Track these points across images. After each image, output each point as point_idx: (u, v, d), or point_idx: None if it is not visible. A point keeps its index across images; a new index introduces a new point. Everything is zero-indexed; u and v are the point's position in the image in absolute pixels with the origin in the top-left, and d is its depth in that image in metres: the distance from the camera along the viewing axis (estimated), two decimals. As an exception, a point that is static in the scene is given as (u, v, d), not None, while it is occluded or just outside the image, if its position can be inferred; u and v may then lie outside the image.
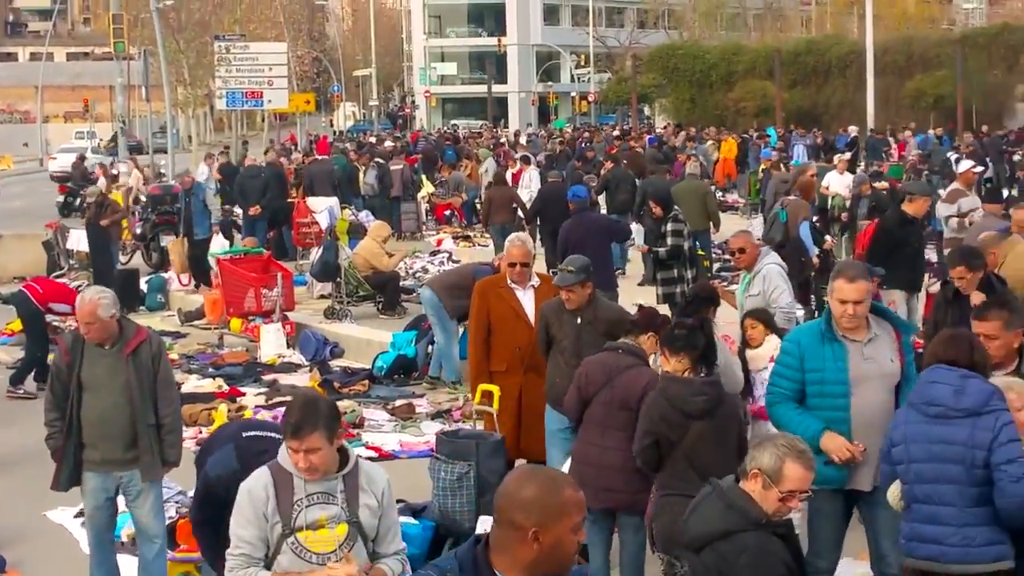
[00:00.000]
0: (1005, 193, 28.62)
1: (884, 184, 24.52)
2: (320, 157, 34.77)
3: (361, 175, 30.75)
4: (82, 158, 45.47)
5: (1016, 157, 36.56)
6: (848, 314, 7.13)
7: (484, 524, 9.26)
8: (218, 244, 21.73)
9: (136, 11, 51.78)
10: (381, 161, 32.41)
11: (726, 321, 12.19)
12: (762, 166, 32.72)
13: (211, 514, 7.18)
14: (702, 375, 7.84)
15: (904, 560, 6.88)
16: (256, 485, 5.64)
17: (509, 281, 10.64)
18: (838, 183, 24.15)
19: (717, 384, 7.94)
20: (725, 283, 16.46)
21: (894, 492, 6.79)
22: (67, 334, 9.74)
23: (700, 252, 19.85)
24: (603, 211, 23.18)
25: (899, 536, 6.96)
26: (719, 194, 34.27)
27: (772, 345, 9.59)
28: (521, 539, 3.99)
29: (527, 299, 10.54)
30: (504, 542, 4.09)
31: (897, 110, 54.56)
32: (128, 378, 8.18)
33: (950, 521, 6.43)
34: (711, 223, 21.48)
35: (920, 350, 10.80)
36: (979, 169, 24.36)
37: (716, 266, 20.33)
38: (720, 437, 7.63)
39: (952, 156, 37.15)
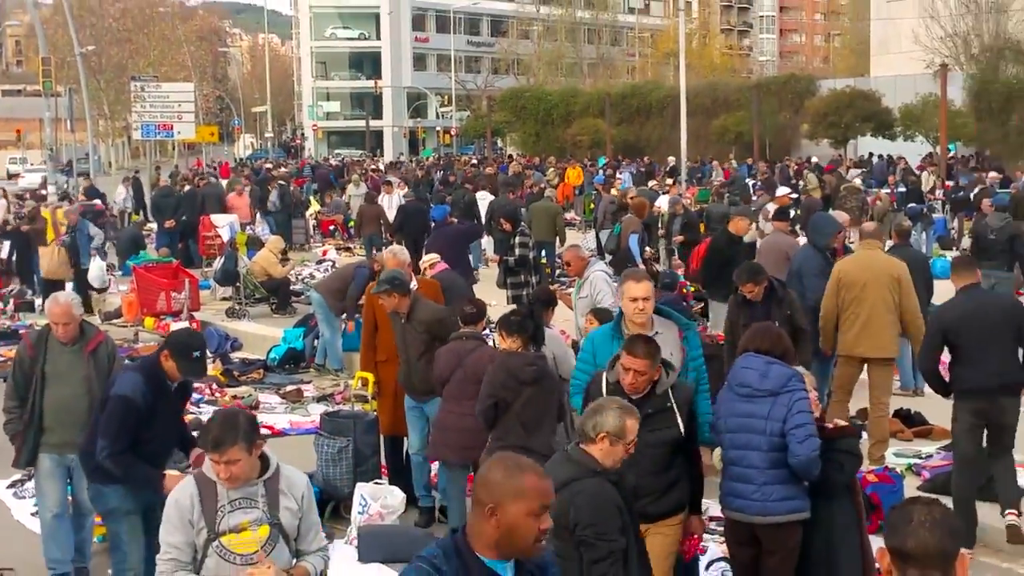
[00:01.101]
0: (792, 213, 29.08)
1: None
2: (212, 181, 34.40)
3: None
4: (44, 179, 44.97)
5: (800, 183, 37.28)
6: (638, 309, 7.16)
7: (360, 490, 9.27)
8: (95, 267, 21.32)
9: (63, 55, 50.99)
10: (283, 183, 32.94)
11: (564, 319, 12.34)
12: (594, 189, 33.17)
13: (130, 437, 7.06)
14: (532, 351, 8.28)
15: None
16: (182, 495, 5.39)
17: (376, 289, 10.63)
18: (666, 203, 24.46)
19: (543, 358, 8.38)
20: (564, 287, 16.57)
21: (716, 456, 7.03)
22: (33, 332, 9.52)
23: (543, 261, 20.00)
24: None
25: None
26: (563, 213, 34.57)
27: None
28: (483, 516, 3.94)
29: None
30: (473, 521, 4.05)
31: (705, 144, 55.41)
32: (88, 373, 8.06)
33: (753, 480, 6.61)
34: (557, 237, 21.61)
35: (721, 343, 11.14)
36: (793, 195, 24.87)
37: (557, 272, 20.39)
38: (544, 400, 7.99)
39: (750, 183, 37.99)
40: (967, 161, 46.42)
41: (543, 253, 20.19)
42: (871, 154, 52.76)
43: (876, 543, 7.23)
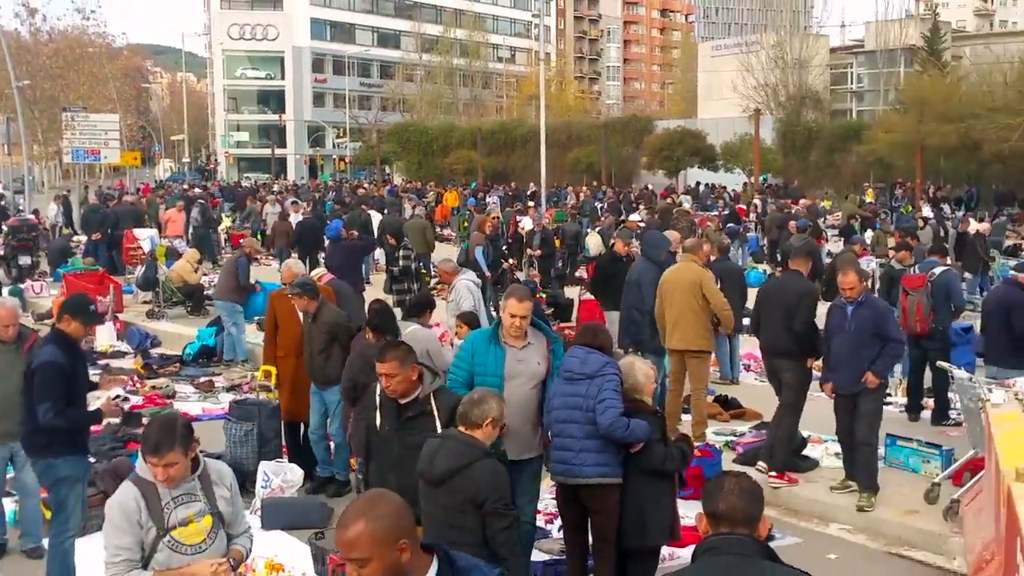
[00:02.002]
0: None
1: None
2: (128, 200, 33.87)
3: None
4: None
5: (639, 206, 37.84)
6: (515, 325, 7.11)
7: (264, 468, 9.24)
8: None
9: (1, 87, 49.91)
10: (203, 201, 33.05)
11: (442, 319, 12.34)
12: (468, 210, 33.51)
13: (65, 394, 7.02)
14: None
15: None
16: (126, 499, 5.03)
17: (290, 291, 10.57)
18: (529, 223, 24.73)
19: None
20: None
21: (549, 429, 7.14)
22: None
23: (423, 271, 20.05)
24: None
25: (536, 495, 7.44)
26: (439, 230, 34.81)
27: None
28: None
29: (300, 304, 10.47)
30: None
31: (561, 173, 55.89)
32: (25, 369, 7.63)
33: (572, 448, 6.79)
34: (430, 249, 21.75)
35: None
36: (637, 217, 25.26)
37: (434, 280, 20.47)
38: None
39: (599, 206, 38.52)
40: (775, 190, 47.62)
41: (421, 264, 20.34)
42: (698, 183, 53.88)
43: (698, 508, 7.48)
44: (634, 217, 24.14)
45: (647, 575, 6.79)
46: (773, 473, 9.68)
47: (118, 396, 8.27)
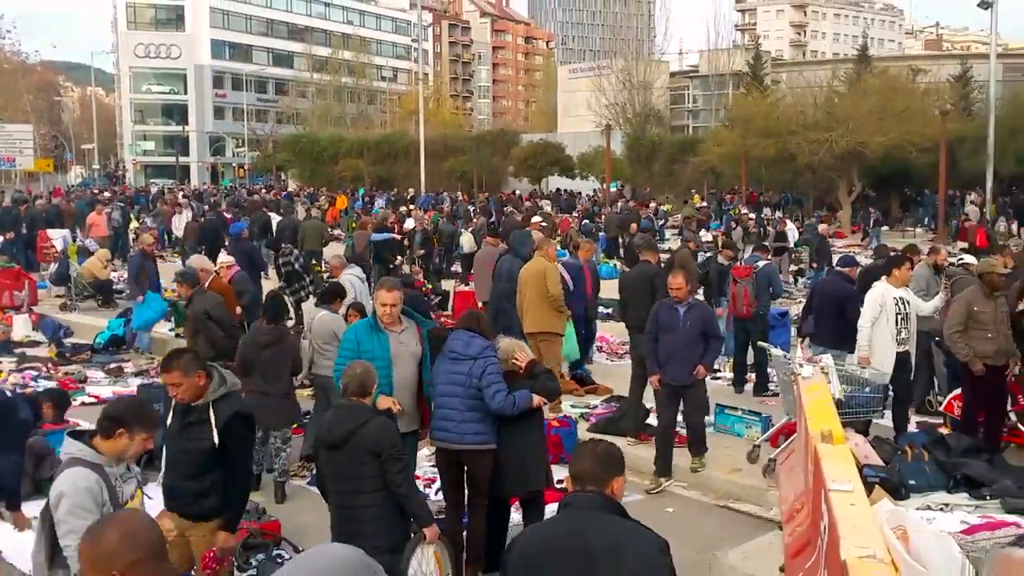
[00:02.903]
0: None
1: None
2: (40, 203, 32.62)
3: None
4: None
5: (508, 209, 37.94)
6: (387, 312, 7.08)
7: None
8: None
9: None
10: (122, 204, 32.99)
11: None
12: (356, 212, 33.20)
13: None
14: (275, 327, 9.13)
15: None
16: (89, 483, 4.61)
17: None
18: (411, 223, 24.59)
19: (279, 329, 9.17)
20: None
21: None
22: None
23: (315, 264, 19.80)
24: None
25: (414, 463, 7.51)
26: (330, 230, 34.37)
27: None
28: None
29: None
30: None
31: (439, 180, 55.61)
32: None
33: (455, 418, 6.90)
34: (323, 246, 21.77)
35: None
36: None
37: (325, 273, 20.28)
38: (278, 360, 8.89)
39: (471, 208, 38.53)
40: (620, 195, 48.34)
41: (313, 259, 20.14)
42: (558, 189, 54.31)
43: (560, 472, 7.59)
44: (536, 219, 24.12)
45: (541, 515, 6.88)
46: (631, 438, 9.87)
47: None
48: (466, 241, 22.64)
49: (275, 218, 26.14)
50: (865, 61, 57.74)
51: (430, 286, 18.59)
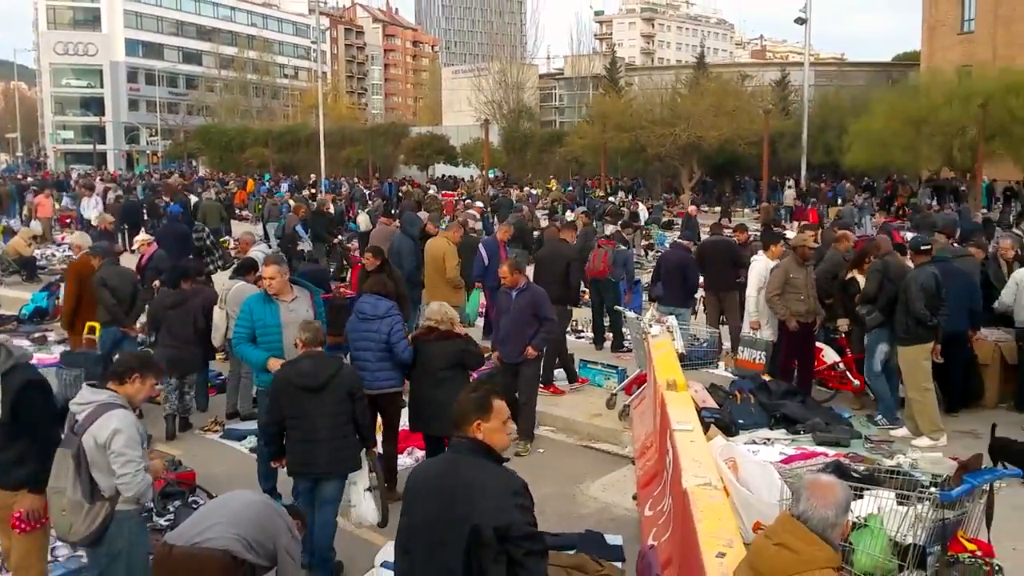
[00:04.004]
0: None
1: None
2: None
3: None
4: None
5: (404, 189, 37.49)
6: (268, 284, 6.95)
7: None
8: None
9: None
10: (54, 190, 31.50)
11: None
12: (261, 196, 32.32)
13: None
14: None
15: None
16: (134, 420, 4.71)
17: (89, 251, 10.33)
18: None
19: (183, 293, 9.24)
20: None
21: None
22: None
23: (223, 240, 19.26)
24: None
25: None
26: (239, 211, 33.46)
27: None
28: None
29: None
30: None
31: (337, 167, 54.49)
32: None
33: (370, 368, 7.06)
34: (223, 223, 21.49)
35: (347, 296, 11.09)
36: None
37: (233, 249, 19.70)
38: (183, 320, 9.05)
39: (367, 191, 37.97)
40: (498, 181, 48.31)
41: (221, 234, 19.69)
42: (443, 175, 54.02)
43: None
44: (479, 204, 24.28)
45: None
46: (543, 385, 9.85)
47: None
48: (362, 221, 22.28)
49: (193, 199, 25.63)
50: (702, 67, 58.93)
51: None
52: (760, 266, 10.21)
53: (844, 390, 9.73)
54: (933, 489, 4.74)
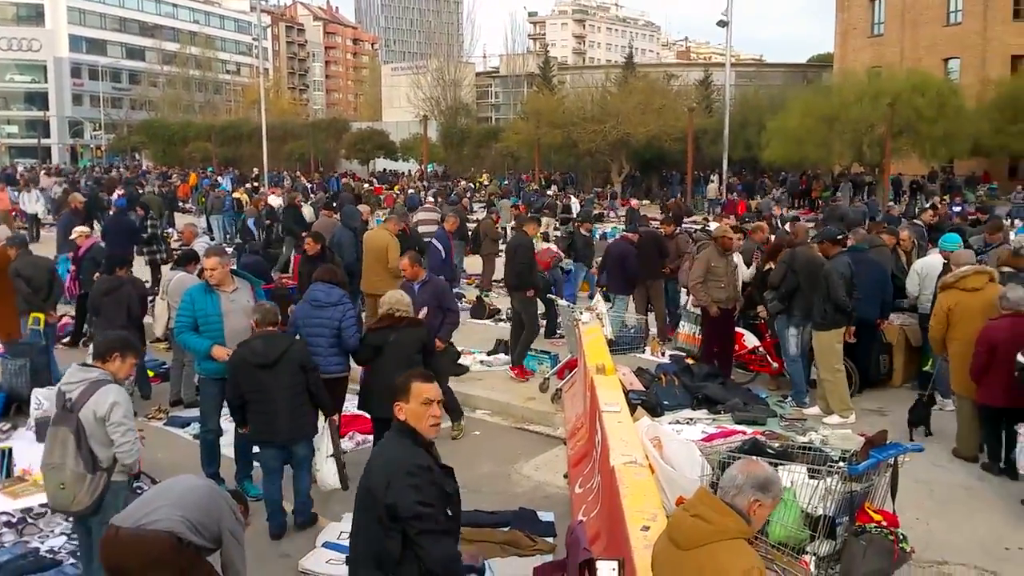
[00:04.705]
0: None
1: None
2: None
3: None
4: None
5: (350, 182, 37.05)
6: (209, 275, 6.86)
7: (36, 394, 8.45)
8: None
9: None
10: None
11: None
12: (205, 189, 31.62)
13: None
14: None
15: None
16: (127, 395, 5.07)
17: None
18: (274, 200, 23.47)
19: (119, 279, 9.06)
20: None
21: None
22: None
23: (166, 234, 18.81)
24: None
25: None
26: (182, 204, 32.71)
27: None
28: None
29: None
30: None
31: (280, 161, 53.57)
32: None
33: (322, 353, 6.92)
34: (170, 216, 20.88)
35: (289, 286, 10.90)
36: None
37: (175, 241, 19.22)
38: (118, 301, 8.85)
39: (310, 185, 37.45)
40: (435, 175, 48.12)
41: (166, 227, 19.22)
42: (384, 169, 53.55)
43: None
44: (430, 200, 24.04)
45: None
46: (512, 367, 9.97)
47: None
48: (307, 213, 21.94)
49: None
50: (631, 67, 59.37)
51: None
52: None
53: (763, 372, 9.91)
54: (842, 463, 4.86)
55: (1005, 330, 6.90)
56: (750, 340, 9.96)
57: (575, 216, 25.30)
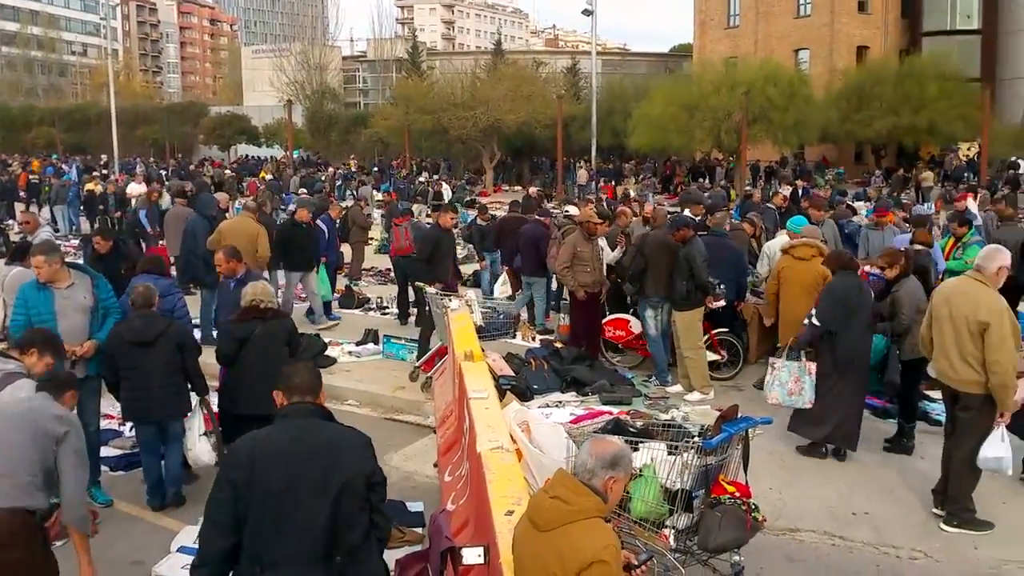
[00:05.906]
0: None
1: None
2: None
3: None
4: None
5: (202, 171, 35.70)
6: (37, 273, 6.43)
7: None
8: None
9: None
10: None
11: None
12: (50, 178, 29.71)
13: None
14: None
15: None
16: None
17: None
18: (134, 188, 22.18)
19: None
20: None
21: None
22: None
23: (6, 225, 17.62)
24: None
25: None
26: (22, 194, 30.62)
27: None
28: None
29: None
30: None
31: (132, 147, 51.21)
32: None
33: None
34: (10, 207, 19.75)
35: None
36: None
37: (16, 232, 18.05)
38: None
39: (163, 173, 35.87)
40: (309, 161, 47.06)
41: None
42: (247, 156, 51.90)
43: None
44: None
45: None
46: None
47: None
48: (164, 201, 21.00)
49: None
50: (500, 54, 59.66)
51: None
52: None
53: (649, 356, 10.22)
54: (698, 439, 5.06)
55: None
56: (636, 326, 10.21)
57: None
